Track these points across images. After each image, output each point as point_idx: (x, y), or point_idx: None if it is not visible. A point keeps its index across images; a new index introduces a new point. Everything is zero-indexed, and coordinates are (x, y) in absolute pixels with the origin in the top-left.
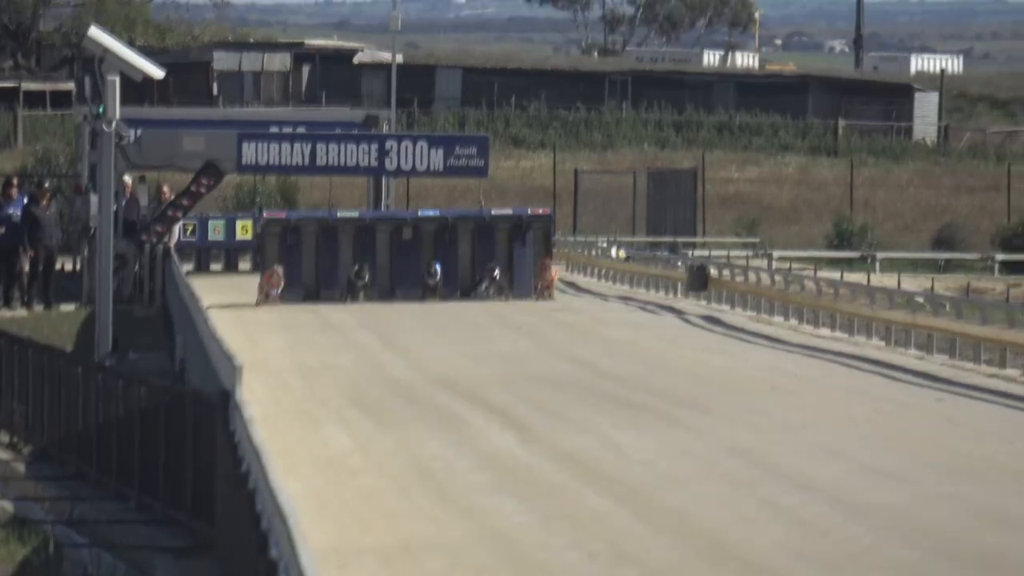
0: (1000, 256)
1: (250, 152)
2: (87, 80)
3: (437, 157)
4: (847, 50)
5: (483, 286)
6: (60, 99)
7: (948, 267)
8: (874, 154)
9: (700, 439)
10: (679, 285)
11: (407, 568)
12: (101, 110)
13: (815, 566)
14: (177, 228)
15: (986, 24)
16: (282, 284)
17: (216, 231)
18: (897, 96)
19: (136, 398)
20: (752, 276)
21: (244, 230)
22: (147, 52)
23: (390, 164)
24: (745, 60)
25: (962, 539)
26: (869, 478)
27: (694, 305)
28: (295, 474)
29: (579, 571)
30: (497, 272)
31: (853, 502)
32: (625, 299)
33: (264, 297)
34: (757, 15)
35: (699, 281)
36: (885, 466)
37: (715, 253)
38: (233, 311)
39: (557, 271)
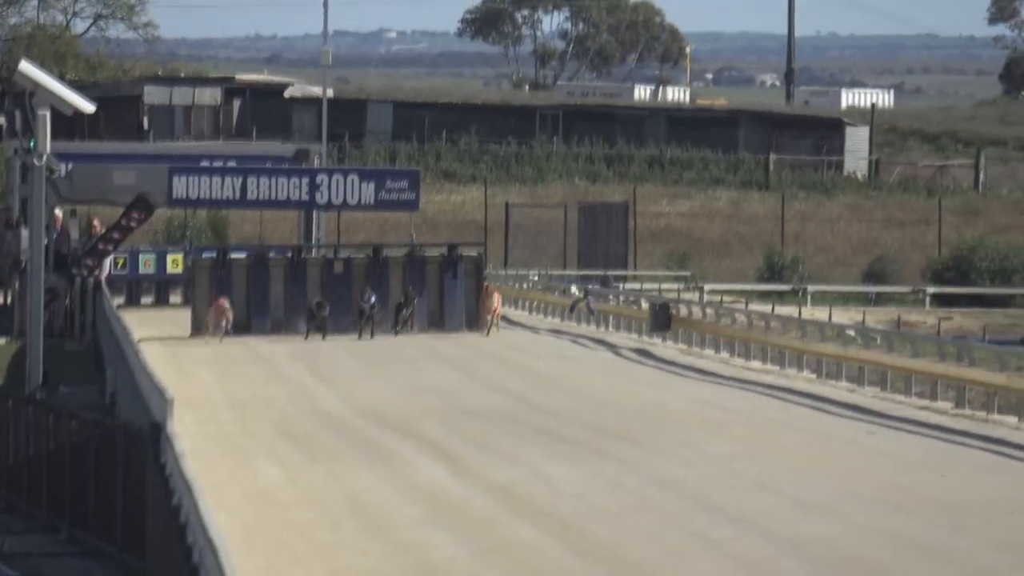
0: (931, 289)
1: (181, 186)
2: (17, 114)
3: (368, 191)
4: (778, 84)
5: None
6: None
7: (879, 300)
8: (805, 188)
9: (631, 472)
10: (617, 319)
11: None
12: (32, 144)
13: None
14: (108, 261)
15: (917, 59)
16: (231, 318)
17: (147, 264)
18: (828, 130)
19: (67, 431)
20: (684, 310)
21: (175, 263)
22: (78, 86)
23: (321, 198)
24: (676, 94)
25: (894, 572)
26: (800, 510)
27: (625, 338)
28: (226, 507)
29: None
30: (406, 308)
31: (784, 535)
32: (557, 332)
33: (215, 331)
34: (688, 50)
35: (662, 320)
36: (816, 498)
37: (646, 286)
38: (164, 344)
39: (499, 298)
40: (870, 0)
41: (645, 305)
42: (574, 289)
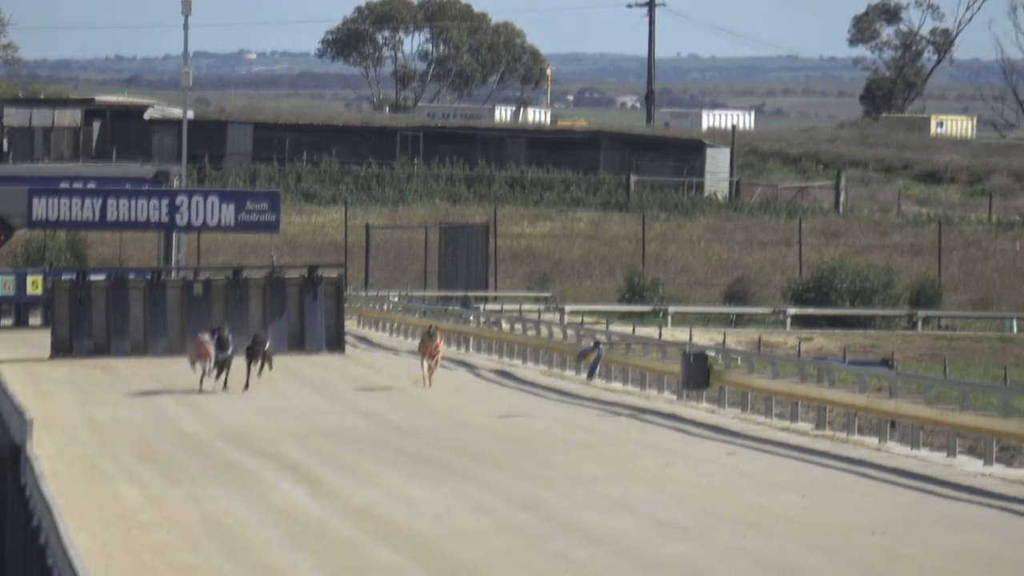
0: (791, 310)
1: (40, 207)
2: None
3: (228, 212)
4: (639, 106)
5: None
6: None
7: (740, 321)
8: (666, 209)
9: (492, 493)
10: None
11: None
12: None
13: None
14: None
15: (778, 80)
16: (212, 355)
17: (6, 286)
18: (688, 152)
19: None
20: (544, 330)
21: (34, 285)
22: None
23: (181, 219)
24: (537, 116)
25: None
26: (660, 531)
27: (486, 359)
28: (86, 529)
29: None
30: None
31: (645, 555)
32: (417, 353)
33: (201, 370)
34: (549, 71)
35: (699, 374)
36: (677, 519)
37: (507, 307)
38: (24, 366)
39: (442, 342)
40: (731, 22)
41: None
42: (597, 338)
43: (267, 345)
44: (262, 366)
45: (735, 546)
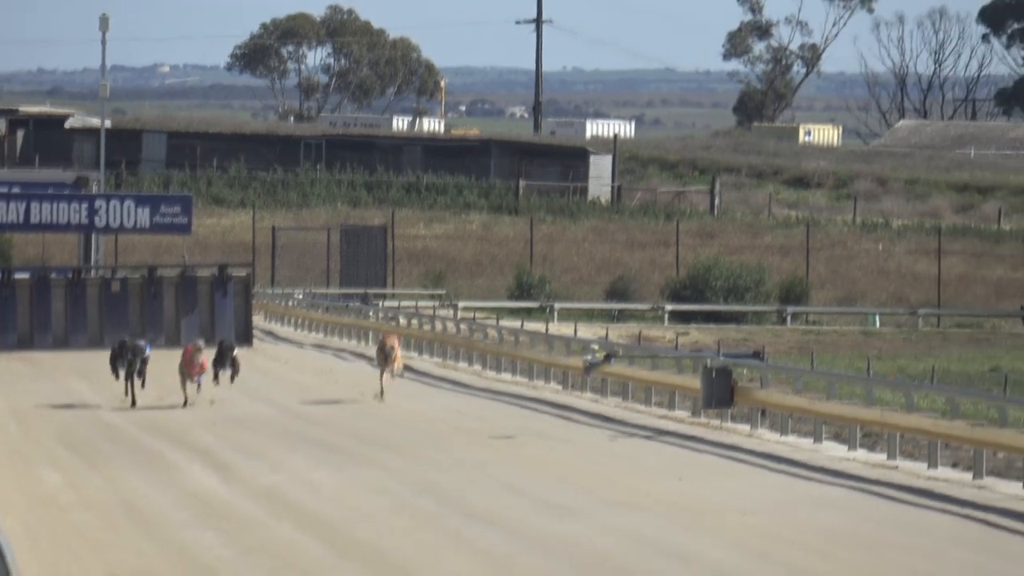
0: (669, 306)
1: None
2: None
3: (143, 215)
4: (527, 116)
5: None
6: None
7: (621, 316)
8: (552, 212)
9: (391, 477)
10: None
11: None
12: None
13: None
14: None
15: (656, 91)
16: (209, 370)
17: None
18: (573, 159)
19: None
20: (438, 325)
21: None
22: None
23: (99, 222)
24: (432, 125)
25: (634, 570)
26: (547, 512)
27: None
28: (10, 511)
29: None
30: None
31: (532, 534)
32: (320, 347)
33: (194, 386)
34: (443, 83)
35: (722, 392)
36: (562, 501)
37: (404, 303)
38: None
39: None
40: (613, 37)
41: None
42: (594, 347)
43: (234, 352)
44: (233, 374)
45: (616, 525)
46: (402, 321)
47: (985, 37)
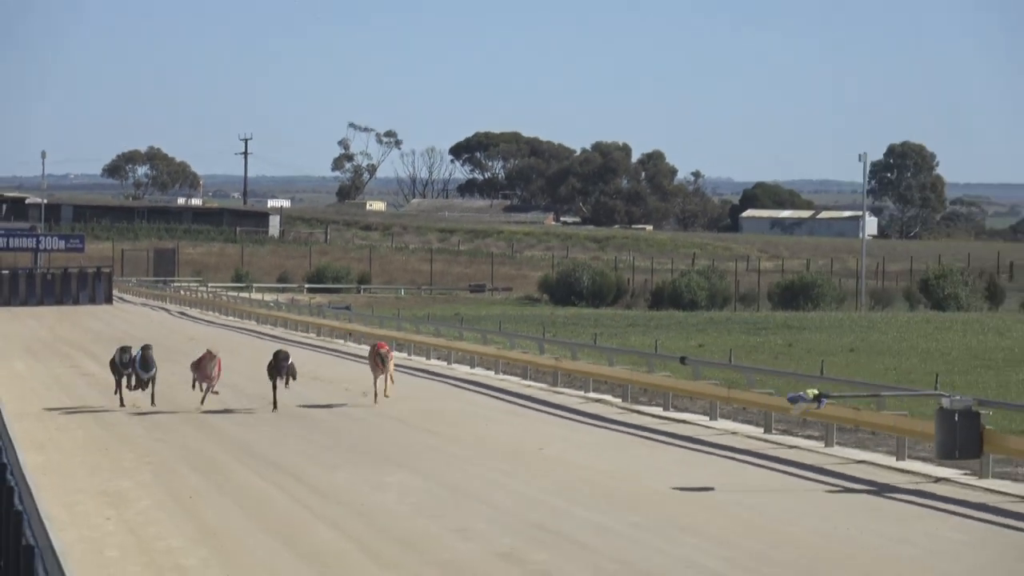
0: (308, 285)
1: None
2: None
3: (61, 243)
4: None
5: None
6: None
7: (285, 291)
8: (255, 243)
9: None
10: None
11: None
12: None
13: None
14: None
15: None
16: (220, 375)
17: None
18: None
19: None
20: (199, 295)
21: None
22: None
23: (41, 246)
24: (194, 201)
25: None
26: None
27: (175, 307)
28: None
29: None
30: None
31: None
32: (144, 305)
33: (206, 390)
34: (201, 180)
35: (967, 439)
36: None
37: (182, 285)
38: None
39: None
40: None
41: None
42: (809, 393)
43: (289, 360)
44: (287, 380)
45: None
46: (182, 293)
47: (452, 160)
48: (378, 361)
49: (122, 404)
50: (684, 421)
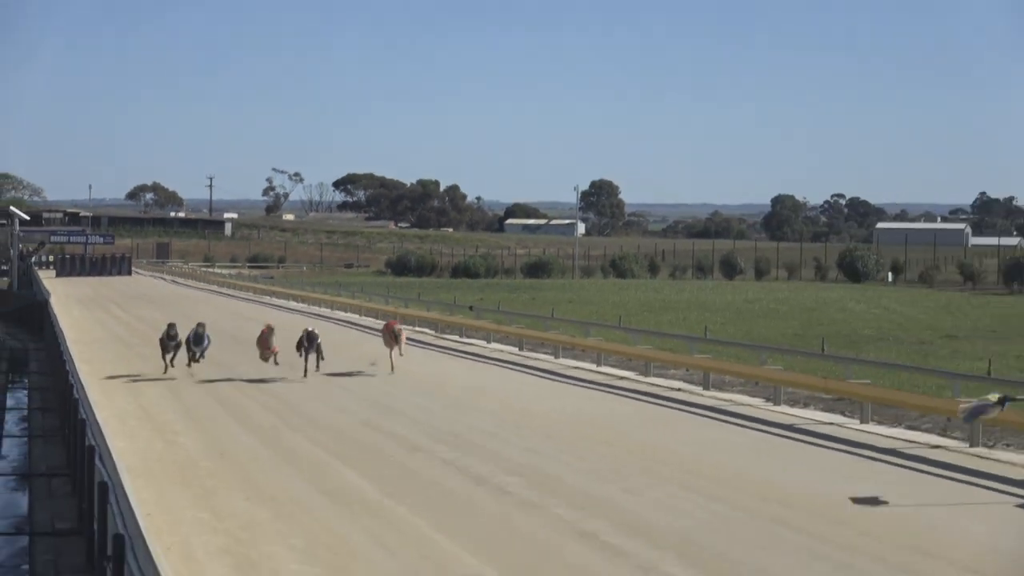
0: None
1: None
2: None
3: (99, 239)
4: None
5: None
6: None
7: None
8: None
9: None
10: None
11: None
12: None
13: None
14: None
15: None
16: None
17: None
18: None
19: None
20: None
21: None
22: None
23: (89, 241)
24: (180, 213)
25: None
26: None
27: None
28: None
29: None
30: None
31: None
32: (153, 276)
33: (274, 357)
34: (184, 201)
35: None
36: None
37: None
38: None
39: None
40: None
41: None
42: (991, 397)
43: (318, 339)
44: (318, 359)
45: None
46: (173, 269)
47: (334, 189)
48: (391, 338)
49: (166, 371)
50: (472, 343)
